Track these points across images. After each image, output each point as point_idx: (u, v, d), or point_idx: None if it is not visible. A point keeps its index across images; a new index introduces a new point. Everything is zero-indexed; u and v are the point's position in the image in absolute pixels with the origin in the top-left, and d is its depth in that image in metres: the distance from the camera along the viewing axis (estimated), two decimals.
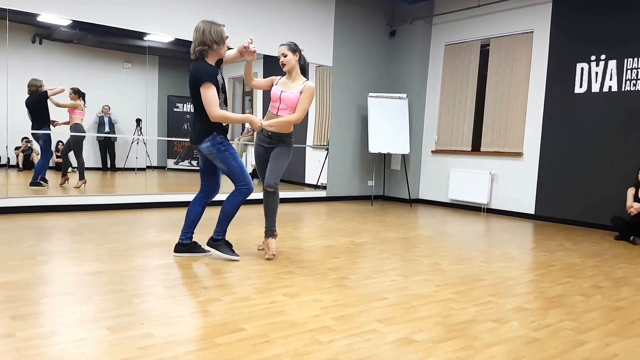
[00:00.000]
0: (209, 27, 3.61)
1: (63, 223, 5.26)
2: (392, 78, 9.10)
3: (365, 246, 4.81)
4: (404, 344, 2.41)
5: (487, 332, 2.63)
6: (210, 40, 3.60)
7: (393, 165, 9.20)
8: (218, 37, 3.63)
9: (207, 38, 3.60)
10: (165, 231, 5.03)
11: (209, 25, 3.62)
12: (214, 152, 3.77)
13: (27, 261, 3.62)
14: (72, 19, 5.97)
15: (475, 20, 8.09)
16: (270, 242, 4.13)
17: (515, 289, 3.54)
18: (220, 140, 3.76)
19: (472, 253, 4.72)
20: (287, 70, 4.06)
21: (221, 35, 3.64)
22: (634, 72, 6.34)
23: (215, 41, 3.62)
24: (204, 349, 2.23)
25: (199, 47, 3.62)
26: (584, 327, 2.80)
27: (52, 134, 6.45)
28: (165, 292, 3.04)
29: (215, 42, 3.62)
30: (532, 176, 7.40)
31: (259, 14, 7.35)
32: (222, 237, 3.94)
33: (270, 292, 3.15)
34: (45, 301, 2.77)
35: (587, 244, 5.54)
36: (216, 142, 3.74)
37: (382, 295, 3.21)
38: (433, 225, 6.42)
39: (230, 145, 3.82)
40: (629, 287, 3.73)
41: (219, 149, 3.76)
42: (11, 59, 5.79)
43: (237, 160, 3.82)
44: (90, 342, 2.24)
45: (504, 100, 7.72)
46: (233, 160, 3.79)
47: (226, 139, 3.82)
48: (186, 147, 8.49)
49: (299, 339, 2.41)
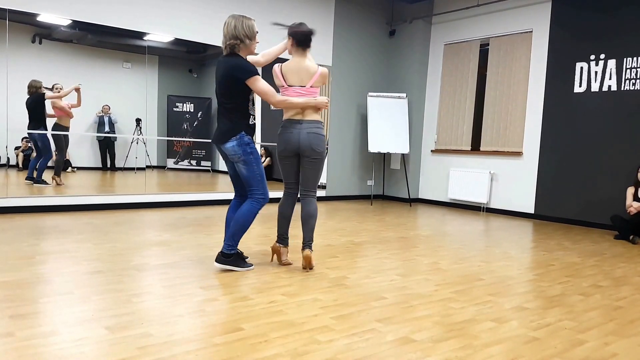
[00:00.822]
0: (241, 22, 3.49)
1: (62, 223, 5.25)
2: (392, 77, 9.10)
3: (365, 245, 4.81)
4: (403, 344, 2.41)
5: (486, 331, 2.63)
6: (243, 35, 3.47)
7: (393, 164, 9.20)
8: (250, 31, 3.50)
9: (239, 32, 3.47)
10: (165, 231, 5.03)
11: (240, 20, 3.50)
12: (238, 153, 3.54)
13: (27, 260, 3.62)
14: (71, 19, 5.96)
15: (475, 19, 8.09)
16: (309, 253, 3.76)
17: (514, 288, 3.54)
18: (248, 140, 3.55)
19: (471, 252, 4.72)
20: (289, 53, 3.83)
21: (253, 29, 3.52)
22: (634, 72, 6.34)
23: (247, 36, 3.49)
24: (203, 349, 2.23)
25: (231, 41, 3.48)
26: (583, 326, 2.80)
27: (48, 134, 6.44)
28: (164, 292, 3.04)
29: (248, 37, 3.49)
30: (532, 175, 7.40)
31: (259, 13, 7.35)
32: (234, 251, 3.61)
33: (269, 292, 3.15)
34: (44, 300, 2.77)
35: (586, 243, 5.54)
36: (243, 142, 3.53)
37: (381, 294, 3.21)
38: (432, 224, 6.42)
39: (256, 148, 3.61)
40: (628, 287, 3.73)
41: (245, 150, 3.53)
42: (11, 59, 5.79)
43: (260, 166, 3.60)
44: (90, 342, 2.24)
45: (503, 100, 7.72)
46: (256, 165, 3.58)
47: (253, 140, 3.61)
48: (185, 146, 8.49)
49: (298, 338, 2.41)
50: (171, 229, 5.18)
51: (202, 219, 5.86)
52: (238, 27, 3.47)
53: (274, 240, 4.66)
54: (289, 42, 3.74)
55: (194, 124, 8.69)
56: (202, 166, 8.89)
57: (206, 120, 8.86)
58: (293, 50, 3.74)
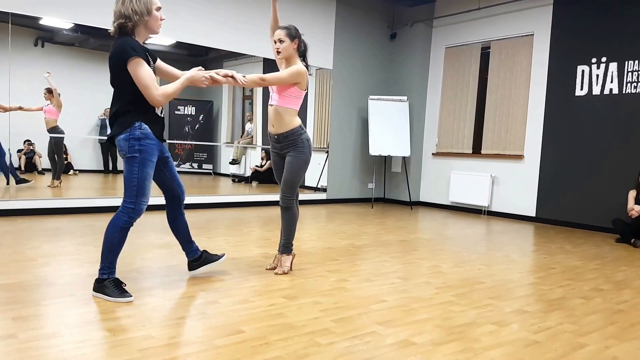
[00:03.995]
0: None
1: (65, 225, 5.26)
2: (393, 81, 9.11)
3: (365, 249, 4.81)
4: (403, 347, 2.41)
5: (487, 334, 2.63)
6: (131, 11, 2.85)
7: (394, 167, 9.20)
8: (143, 6, 2.87)
9: (127, 9, 2.85)
10: (166, 233, 5.04)
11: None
12: (124, 149, 2.90)
13: (29, 263, 3.63)
14: (74, 23, 5.98)
15: (476, 23, 8.10)
16: (284, 259, 3.72)
17: (515, 291, 3.54)
18: (140, 135, 2.88)
19: (472, 256, 4.72)
20: (282, 57, 3.55)
21: (148, 3, 2.89)
22: (635, 75, 6.35)
23: (137, 12, 2.86)
24: (204, 351, 2.24)
25: (119, 20, 2.87)
26: (584, 329, 2.80)
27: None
28: (165, 294, 3.05)
29: (138, 14, 2.86)
30: (533, 179, 7.40)
31: (259, 16, 7.37)
32: (106, 275, 2.93)
33: (269, 295, 3.15)
34: (46, 303, 2.78)
35: (587, 246, 5.54)
36: (133, 136, 2.87)
37: (381, 297, 3.22)
38: (433, 227, 6.42)
39: (148, 145, 2.91)
40: (629, 290, 3.73)
41: (132, 146, 2.87)
42: (13, 62, 5.81)
43: (144, 170, 2.92)
44: (91, 344, 2.25)
45: (504, 103, 7.73)
46: (138, 167, 2.90)
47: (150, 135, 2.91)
48: (187, 149, 8.50)
49: (299, 341, 2.41)
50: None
51: (203, 222, 5.86)
52: (127, 1, 2.86)
53: (276, 243, 4.67)
54: (295, 43, 3.52)
55: (195, 127, 8.71)
56: (204, 169, 8.91)
57: (208, 123, 8.87)
58: (293, 54, 3.55)
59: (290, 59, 3.56)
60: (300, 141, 3.58)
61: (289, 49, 3.51)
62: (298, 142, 3.58)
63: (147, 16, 2.89)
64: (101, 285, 2.92)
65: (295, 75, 3.46)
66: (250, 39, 7.32)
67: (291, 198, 3.64)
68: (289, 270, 3.71)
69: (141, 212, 2.97)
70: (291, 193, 3.63)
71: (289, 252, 3.75)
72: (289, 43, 3.49)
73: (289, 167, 3.59)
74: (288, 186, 3.61)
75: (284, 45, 3.49)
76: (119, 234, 2.91)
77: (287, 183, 3.60)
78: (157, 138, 2.97)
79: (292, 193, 3.63)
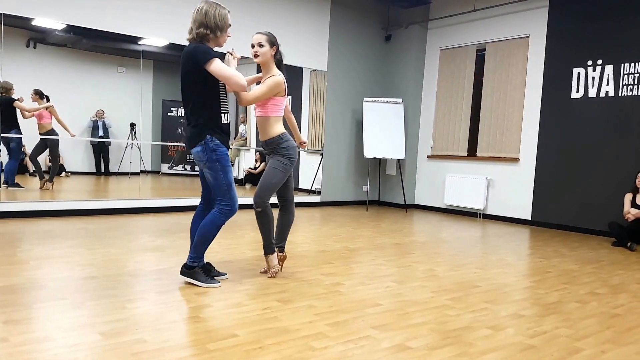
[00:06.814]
0: (214, 8, 3.17)
1: (56, 228, 5.22)
2: (388, 83, 9.11)
3: (360, 252, 4.79)
4: (398, 351, 2.39)
5: (482, 339, 2.62)
6: (213, 24, 3.15)
7: (388, 170, 9.19)
8: (222, 21, 3.19)
9: (210, 21, 3.14)
10: (159, 236, 5.00)
11: (213, 7, 3.17)
12: (203, 159, 3.25)
13: (21, 266, 3.59)
14: (66, 23, 5.94)
15: (471, 24, 8.11)
16: (270, 259, 3.73)
17: (511, 295, 3.53)
18: (214, 146, 3.22)
19: (467, 259, 4.71)
20: (259, 62, 3.60)
21: (225, 20, 3.21)
22: (631, 77, 6.36)
23: (218, 26, 3.17)
24: (197, 355, 2.21)
25: (200, 29, 3.15)
26: (580, 334, 2.79)
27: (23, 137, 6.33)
28: (158, 298, 3.02)
29: (219, 28, 3.18)
30: (529, 181, 7.40)
31: (254, 18, 7.34)
32: (197, 263, 3.38)
33: (263, 298, 3.12)
34: (38, 306, 2.74)
35: (583, 250, 5.54)
36: (209, 148, 3.22)
37: (376, 301, 3.20)
38: (428, 231, 6.41)
39: (225, 154, 3.29)
40: (625, 294, 3.72)
41: (210, 157, 3.23)
42: (5, 63, 5.77)
43: (228, 175, 3.28)
44: (83, 348, 2.22)
45: (500, 105, 7.73)
46: (223, 173, 3.26)
47: (223, 143, 3.29)
48: (180, 151, 8.46)
49: (293, 345, 2.39)
50: (165, 234, 5.15)
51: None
52: (210, 14, 3.15)
53: None
54: (273, 50, 3.58)
55: None
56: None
57: None
58: (270, 60, 3.59)
59: (266, 64, 3.61)
60: (280, 149, 3.65)
61: (267, 54, 3.56)
62: (277, 150, 3.66)
63: (222, 32, 3.24)
64: (192, 271, 3.35)
65: (275, 87, 3.55)
66: (245, 42, 7.28)
67: (265, 201, 3.64)
68: (279, 270, 3.76)
69: (236, 211, 3.35)
70: (264, 196, 3.63)
71: (272, 252, 3.75)
72: (268, 49, 3.55)
73: (267, 170, 3.67)
74: (262, 188, 3.63)
75: (263, 49, 3.55)
76: (216, 231, 3.34)
77: (261, 185, 3.63)
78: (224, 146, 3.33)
79: (264, 196, 3.63)
